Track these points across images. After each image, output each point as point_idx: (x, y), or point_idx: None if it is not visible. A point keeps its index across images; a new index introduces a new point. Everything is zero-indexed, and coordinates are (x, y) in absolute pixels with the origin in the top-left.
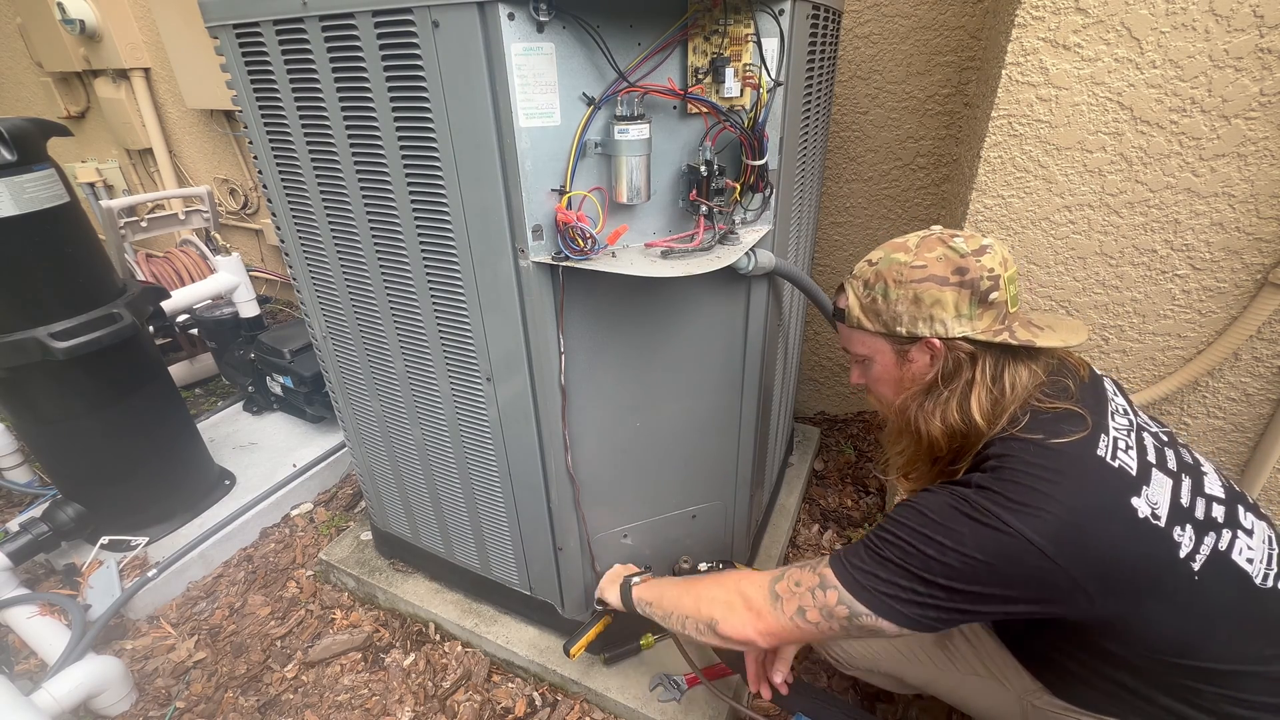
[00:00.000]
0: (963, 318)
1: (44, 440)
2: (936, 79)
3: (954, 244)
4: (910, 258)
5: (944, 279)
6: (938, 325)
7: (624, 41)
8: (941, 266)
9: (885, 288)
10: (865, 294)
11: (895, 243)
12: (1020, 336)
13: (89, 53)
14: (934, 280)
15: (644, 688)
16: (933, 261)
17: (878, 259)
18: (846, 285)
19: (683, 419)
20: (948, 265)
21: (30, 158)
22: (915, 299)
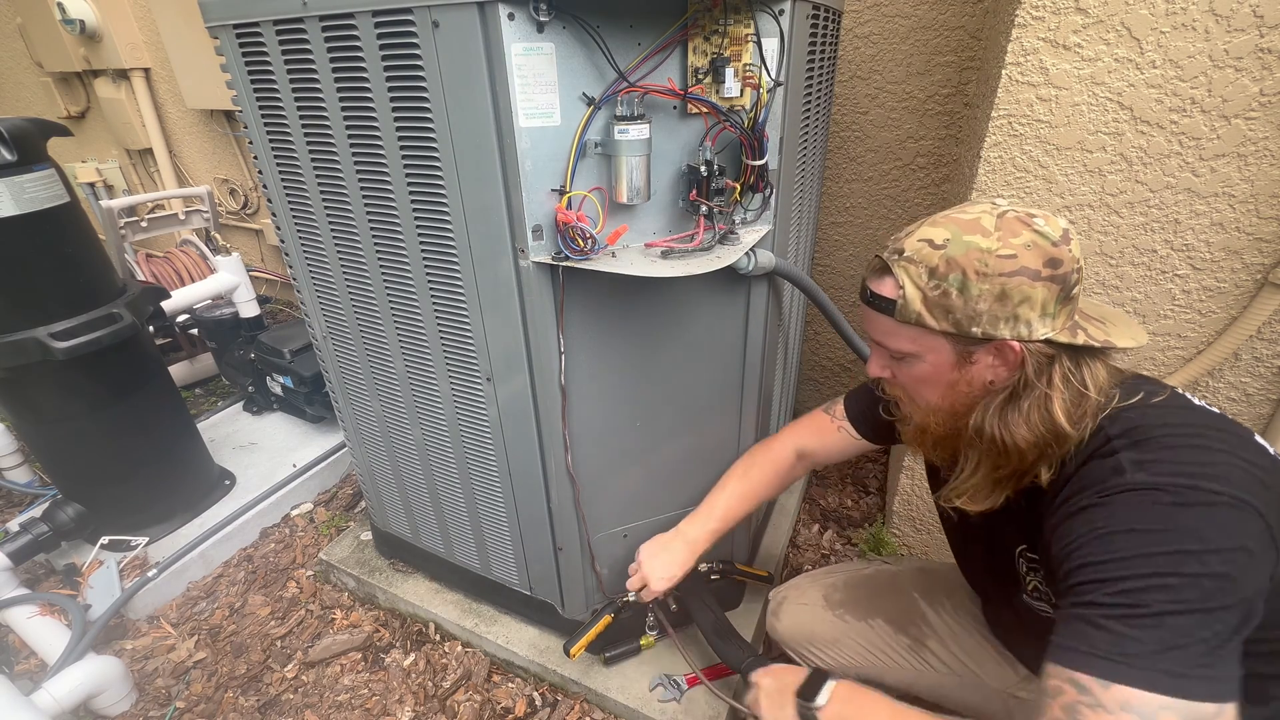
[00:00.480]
0: (1047, 317)
1: (44, 440)
2: (936, 79)
3: (1039, 227)
4: (994, 243)
5: (1036, 272)
6: (1021, 326)
7: (624, 41)
8: (1033, 257)
9: (963, 280)
10: (932, 285)
11: (961, 219)
12: (1097, 336)
13: (89, 53)
14: (1026, 274)
15: (644, 688)
16: (1022, 250)
17: (944, 240)
18: (898, 270)
19: (683, 418)
20: (1039, 255)
21: (30, 158)
22: (1001, 295)
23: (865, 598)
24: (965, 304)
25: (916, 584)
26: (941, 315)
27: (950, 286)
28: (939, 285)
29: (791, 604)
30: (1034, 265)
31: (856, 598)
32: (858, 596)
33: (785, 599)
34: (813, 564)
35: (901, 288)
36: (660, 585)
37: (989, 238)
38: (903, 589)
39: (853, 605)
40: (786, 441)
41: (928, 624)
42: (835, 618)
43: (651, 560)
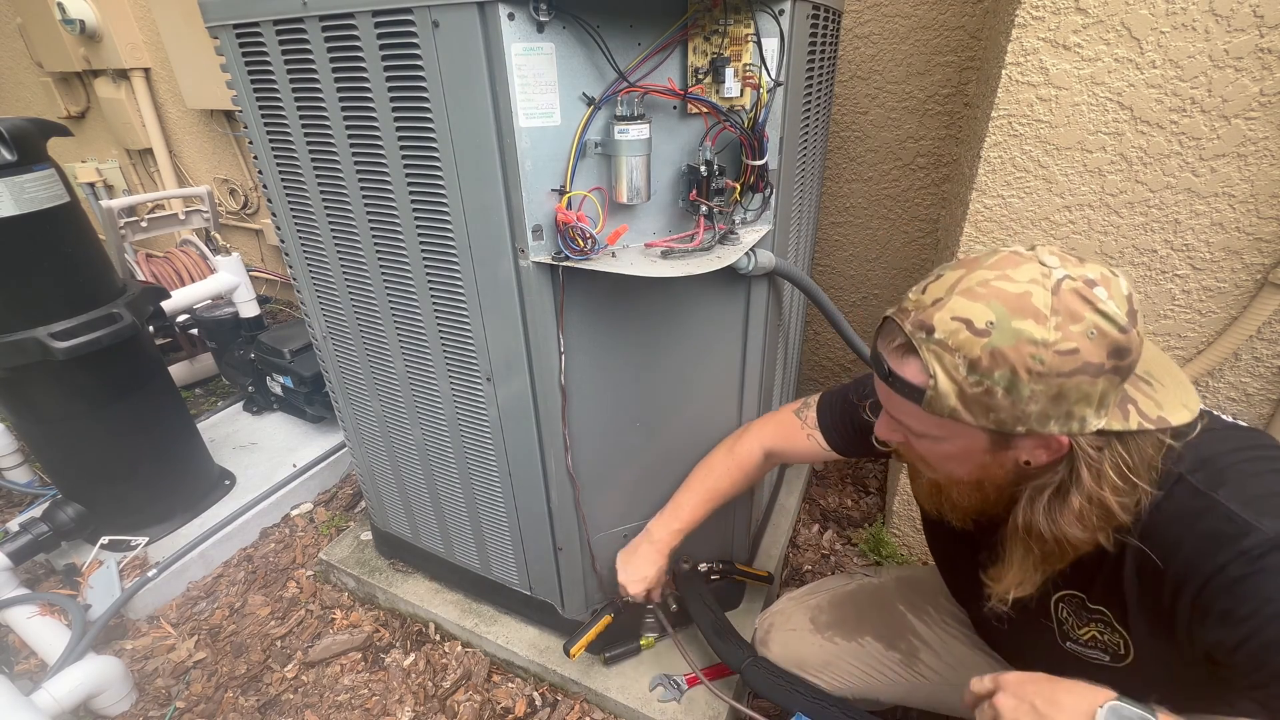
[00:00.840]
0: (1103, 409)
1: (44, 440)
2: (936, 79)
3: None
4: (1051, 334)
5: (1099, 367)
6: (1074, 423)
7: (624, 41)
8: (1097, 349)
9: (1012, 379)
10: (971, 380)
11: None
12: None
13: (89, 53)
14: (1088, 372)
15: (644, 688)
16: (1084, 342)
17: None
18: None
19: (683, 418)
20: (1104, 346)
21: (30, 158)
22: (1057, 396)
23: (852, 616)
24: (1013, 405)
25: (900, 596)
26: (981, 413)
27: (995, 385)
28: (981, 382)
29: (779, 631)
30: (1097, 359)
31: (843, 617)
32: (844, 616)
33: (772, 626)
34: (813, 564)
35: (932, 377)
36: (636, 589)
37: (1044, 325)
38: (888, 603)
39: (840, 626)
40: (754, 441)
41: (917, 636)
42: (825, 641)
43: (623, 569)
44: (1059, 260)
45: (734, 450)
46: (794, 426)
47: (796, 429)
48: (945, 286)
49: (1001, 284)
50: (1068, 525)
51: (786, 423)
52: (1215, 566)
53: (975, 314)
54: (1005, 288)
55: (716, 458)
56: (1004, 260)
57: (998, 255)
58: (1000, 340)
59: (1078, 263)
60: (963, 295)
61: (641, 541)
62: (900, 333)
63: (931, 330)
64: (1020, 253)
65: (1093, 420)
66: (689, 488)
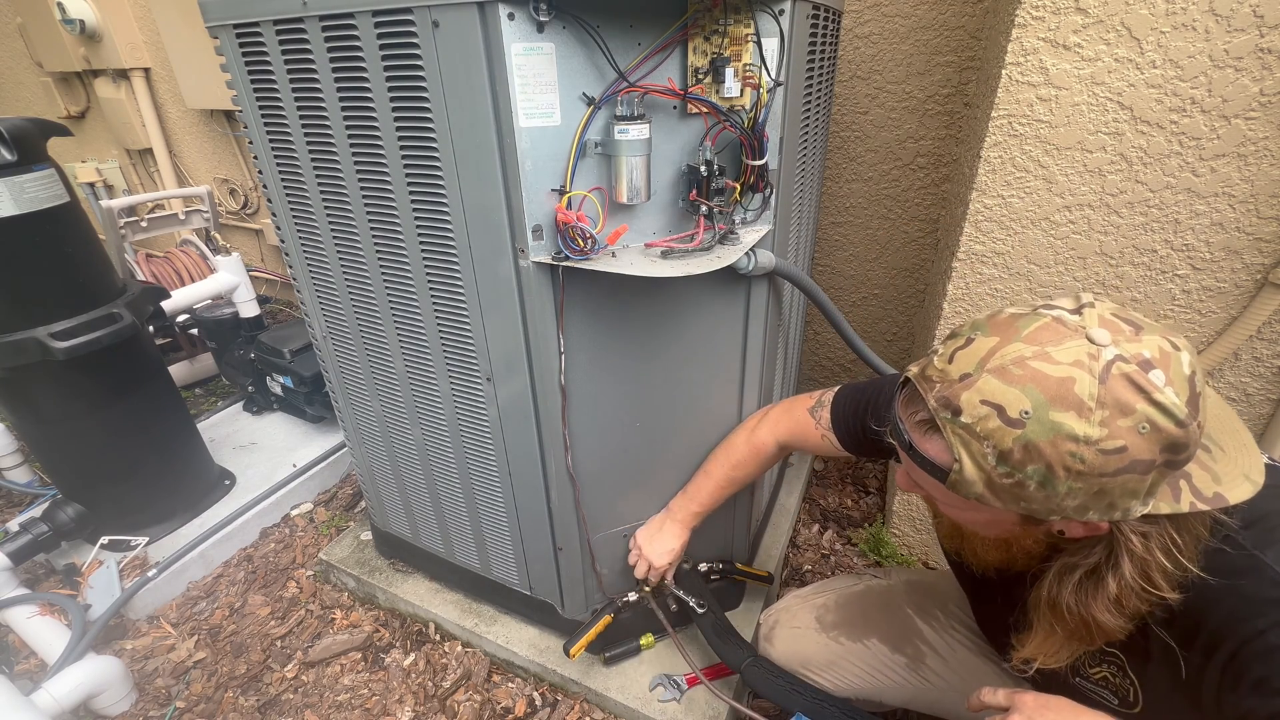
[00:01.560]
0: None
1: (44, 440)
2: (936, 79)
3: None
4: (1094, 430)
5: (1149, 464)
6: (1116, 514)
7: (624, 41)
8: (1148, 446)
9: (1047, 475)
10: (1001, 472)
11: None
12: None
13: (89, 53)
14: (1136, 470)
15: (644, 688)
16: (1133, 436)
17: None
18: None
19: (683, 418)
20: (1157, 442)
21: (30, 158)
22: (1099, 493)
23: (858, 617)
24: (1046, 499)
25: (909, 599)
26: (1011, 501)
27: (1028, 479)
28: (1012, 474)
29: (784, 628)
30: (1148, 456)
31: (849, 618)
32: (850, 616)
33: (777, 623)
34: (813, 564)
35: (957, 461)
36: (663, 561)
37: (1088, 419)
38: (895, 605)
39: (846, 626)
40: (769, 434)
41: (924, 640)
42: (829, 640)
43: (649, 543)
44: (1110, 335)
45: (751, 440)
46: (808, 425)
47: (811, 428)
48: (976, 359)
49: (1040, 365)
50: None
51: (801, 420)
52: (1254, 630)
53: (1009, 400)
54: (1045, 370)
55: (735, 445)
56: (1045, 331)
57: (1039, 323)
58: (1036, 434)
59: (1133, 334)
60: (995, 375)
61: (665, 519)
62: (924, 406)
63: (958, 412)
64: (1064, 321)
65: (1139, 508)
66: (708, 472)
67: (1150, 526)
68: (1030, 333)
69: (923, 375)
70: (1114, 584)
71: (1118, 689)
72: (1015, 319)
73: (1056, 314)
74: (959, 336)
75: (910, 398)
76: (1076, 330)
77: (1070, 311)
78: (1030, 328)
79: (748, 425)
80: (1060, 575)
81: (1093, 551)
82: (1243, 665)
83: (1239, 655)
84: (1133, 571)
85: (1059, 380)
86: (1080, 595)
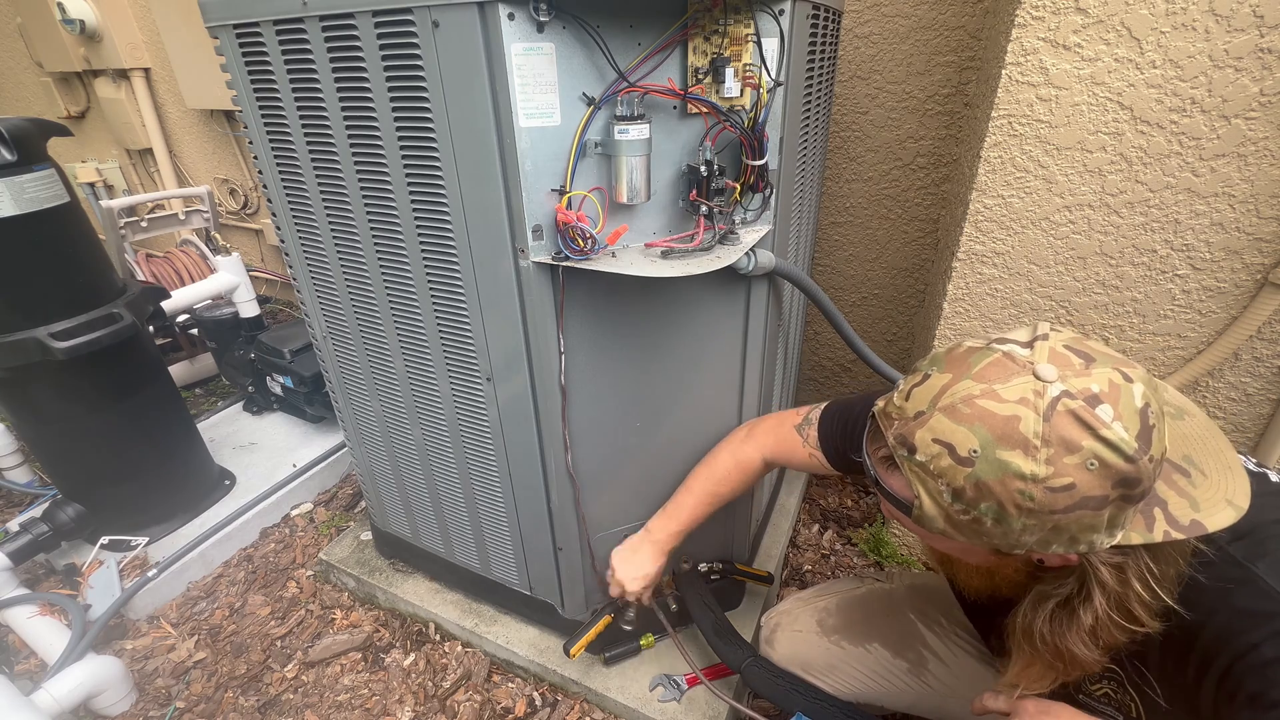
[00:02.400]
0: (1116, 529)
1: (44, 440)
2: (936, 79)
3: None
4: (1040, 468)
5: (1102, 500)
6: (1081, 546)
7: (624, 41)
8: (1098, 482)
9: (1000, 512)
10: (958, 509)
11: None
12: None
13: (89, 53)
14: (1088, 507)
15: (644, 688)
16: (1080, 473)
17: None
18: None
19: (683, 418)
20: (1106, 479)
21: (30, 158)
22: (1054, 529)
23: (860, 621)
24: (1005, 534)
25: (911, 603)
26: (973, 535)
27: (983, 516)
28: (968, 511)
29: (785, 631)
30: (1099, 492)
31: (851, 621)
32: (852, 620)
33: (778, 626)
34: (813, 564)
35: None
36: (636, 586)
37: (1033, 458)
38: (898, 610)
39: (848, 630)
40: (755, 450)
41: (926, 646)
42: (831, 644)
43: (623, 566)
44: (1057, 370)
45: (736, 455)
46: (795, 443)
47: (798, 446)
48: (929, 397)
49: (988, 403)
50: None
51: (788, 438)
52: (1248, 644)
53: (958, 439)
54: (991, 409)
55: (719, 460)
56: (993, 369)
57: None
58: (985, 472)
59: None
60: (945, 414)
61: (642, 540)
62: (884, 442)
63: (914, 450)
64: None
65: (1104, 540)
66: (690, 489)
67: (1124, 557)
68: (980, 370)
69: (884, 412)
70: (1088, 616)
71: (1120, 704)
72: (969, 354)
73: (1008, 349)
74: (918, 372)
75: (874, 433)
76: (1024, 366)
77: (1022, 345)
78: (980, 365)
79: (733, 441)
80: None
81: (1065, 582)
82: (1237, 680)
83: (1233, 670)
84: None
85: (1005, 419)
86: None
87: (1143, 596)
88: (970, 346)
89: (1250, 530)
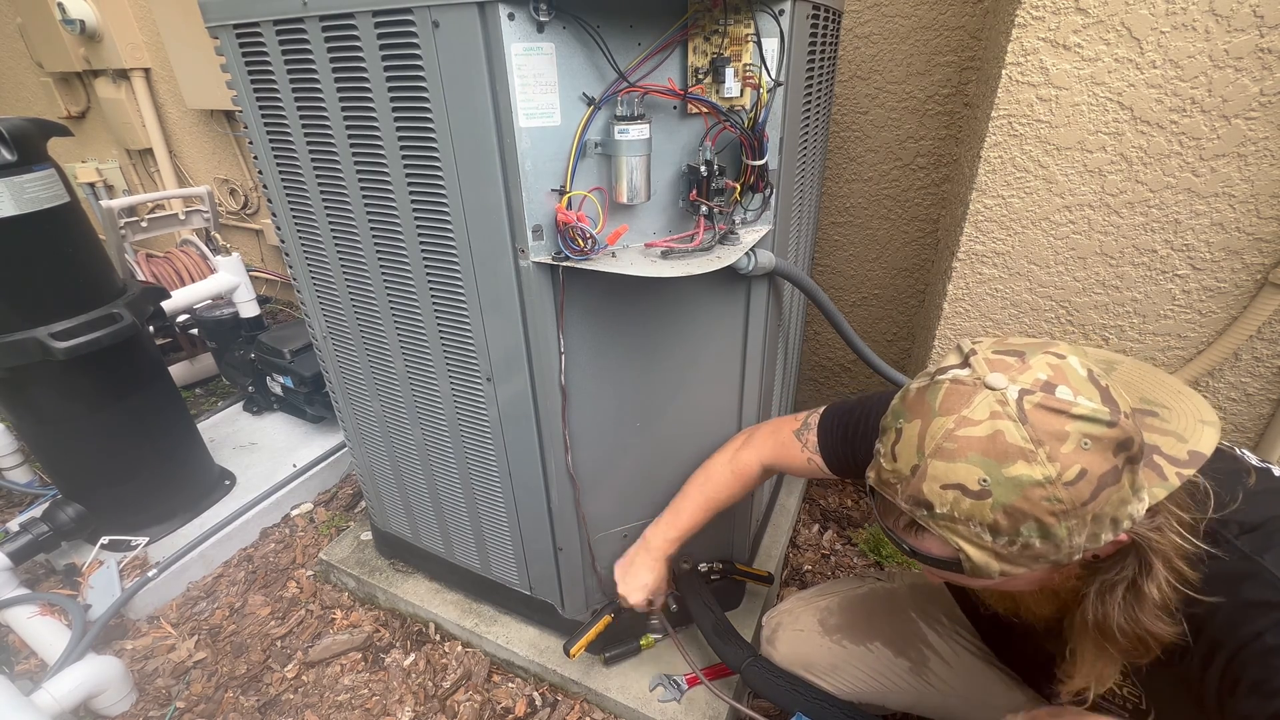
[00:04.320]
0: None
1: (44, 440)
2: (936, 79)
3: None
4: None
5: (1115, 471)
6: (1125, 523)
7: (624, 41)
8: (1100, 458)
9: (1043, 528)
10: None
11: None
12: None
13: (89, 53)
14: (1107, 484)
15: (644, 688)
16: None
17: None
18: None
19: (683, 418)
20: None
21: (30, 158)
22: (1095, 519)
23: (862, 620)
24: (1057, 547)
25: (913, 603)
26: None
27: (1030, 538)
28: (1012, 541)
29: (786, 630)
30: (1108, 466)
31: (853, 620)
32: (854, 619)
33: (780, 625)
34: (813, 564)
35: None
36: (638, 598)
37: (1034, 462)
38: (900, 609)
39: (849, 629)
40: (753, 456)
41: (928, 645)
42: (833, 644)
43: (622, 579)
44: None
45: (734, 462)
46: (794, 448)
47: (796, 451)
48: (912, 448)
49: (966, 431)
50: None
51: (787, 443)
52: (1252, 633)
53: (962, 476)
54: (972, 435)
55: (716, 468)
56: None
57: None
58: (1004, 496)
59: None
60: (937, 458)
61: (639, 551)
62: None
63: (930, 506)
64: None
65: (1138, 507)
66: (687, 496)
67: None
68: (940, 404)
69: (882, 482)
70: (1154, 590)
71: (1126, 699)
72: (922, 395)
73: (950, 375)
74: (888, 431)
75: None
76: (974, 384)
77: (960, 367)
78: (937, 399)
79: (730, 448)
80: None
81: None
82: (1240, 668)
83: (1237, 658)
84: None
85: (989, 438)
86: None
87: (1183, 548)
88: (918, 387)
89: (1259, 524)
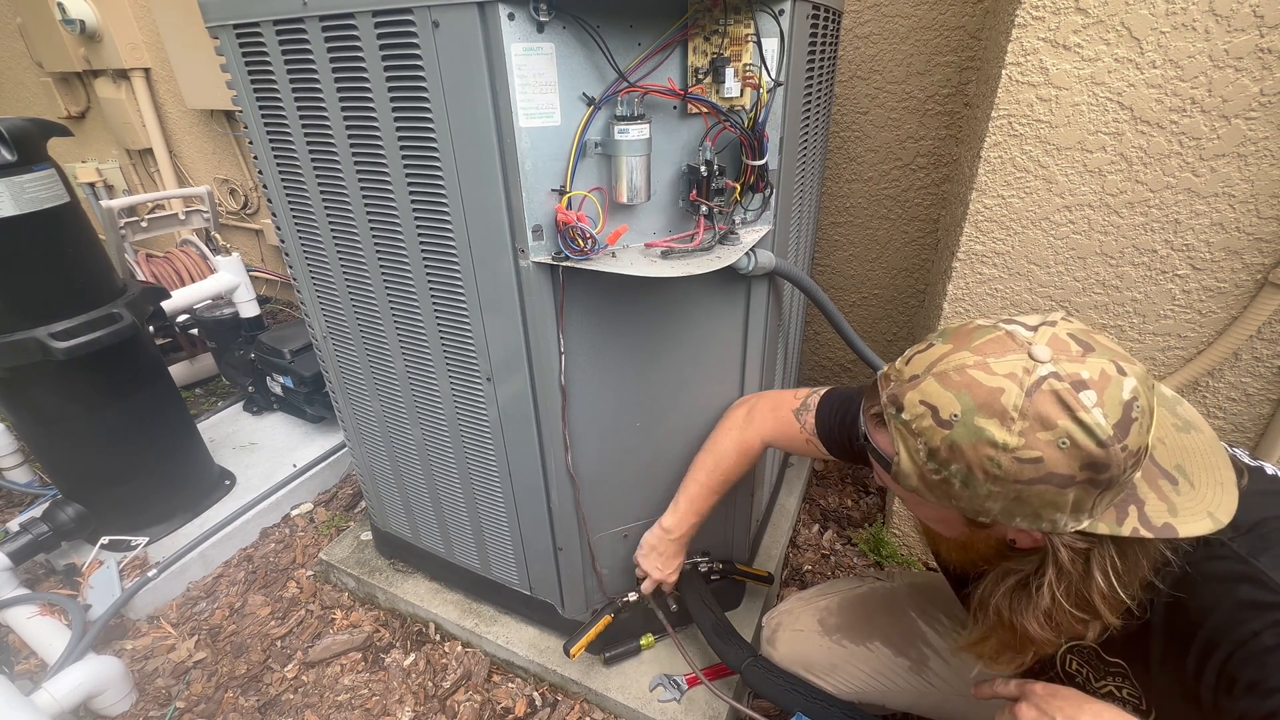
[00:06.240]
0: (1081, 514)
1: (44, 440)
2: (936, 79)
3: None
4: (1012, 438)
5: (1067, 479)
6: (1044, 524)
7: (624, 41)
8: (1065, 461)
9: (967, 475)
10: (931, 468)
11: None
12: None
13: (89, 53)
14: (1052, 482)
15: (644, 688)
16: (1050, 450)
17: (950, 415)
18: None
19: (683, 418)
20: (1075, 459)
21: (30, 158)
22: (1017, 499)
23: (862, 620)
24: (971, 498)
25: (912, 602)
26: (943, 498)
27: (953, 477)
28: (939, 471)
29: (786, 630)
30: (1066, 471)
31: (853, 620)
32: (854, 619)
33: (780, 625)
34: (813, 564)
35: (897, 453)
36: (667, 576)
37: (1008, 428)
38: (899, 608)
39: (849, 629)
40: (754, 435)
41: (927, 644)
42: (833, 644)
43: (646, 561)
44: (1052, 353)
45: (739, 442)
46: (794, 428)
47: (796, 431)
48: (927, 363)
49: (977, 374)
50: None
51: (786, 421)
52: (1248, 633)
53: (943, 403)
54: (980, 379)
55: (722, 448)
56: (993, 344)
57: (992, 335)
58: (960, 436)
59: (1079, 355)
60: (936, 379)
61: (660, 539)
62: (878, 401)
63: (901, 409)
64: (1015, 336)
65: (1067, 523)
66: (697, 479)
67: (1090, 546)
68: (980, 344)
69: (884, 374)
70: (1044, 597)
71: (1128, 700)
72: (975, 330)
73: (1013, 329)
74: (924, 340)
75: (871, 392)
76: (1022, 345)
77: (1028, 328)
78: (982, 339)
79: (733, 428)
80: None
81: (1028, 561)
82: (1236, 669)
83: (1233, 659)
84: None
85: (990, 390)
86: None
87: (1103, 589)
88: (979, 324)
89: (1255, 525)
